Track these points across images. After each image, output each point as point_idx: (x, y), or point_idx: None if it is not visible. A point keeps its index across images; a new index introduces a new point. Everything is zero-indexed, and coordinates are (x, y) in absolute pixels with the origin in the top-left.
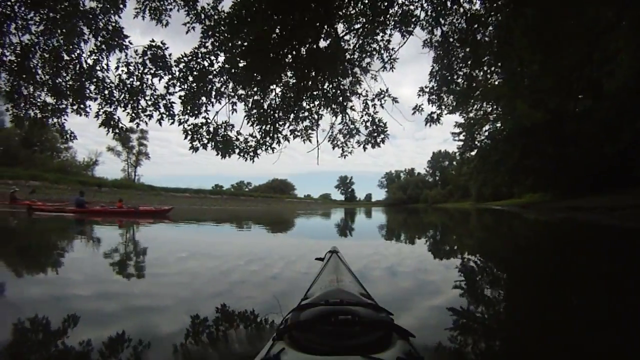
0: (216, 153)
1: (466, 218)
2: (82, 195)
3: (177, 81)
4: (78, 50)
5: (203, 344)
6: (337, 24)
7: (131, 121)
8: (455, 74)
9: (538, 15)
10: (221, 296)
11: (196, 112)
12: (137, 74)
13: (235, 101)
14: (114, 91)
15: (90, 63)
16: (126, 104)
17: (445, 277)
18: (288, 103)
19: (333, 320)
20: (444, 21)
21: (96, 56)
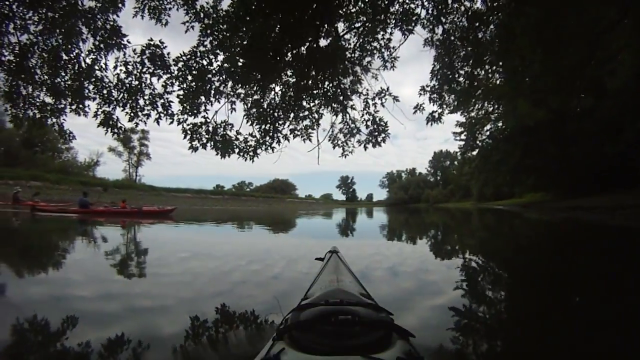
0: (215, 153)
1: (467, 218)
2: (86, 195)
3: (176, 80)
4: (77, 49)
5: (203, 344)
6: (338, 23)
7: (130, 121)
8: (456, 73)
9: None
10: (222, 296)
11: (195, 112)
12: (136, 73)
13: (234, 100)
14: (113, 91)
15: (88, 62)
16: (125, 104)
17: (445, 277)
18: (288, 102)
19: (333, 320)
20: (445, 19)
21: (94, 55)
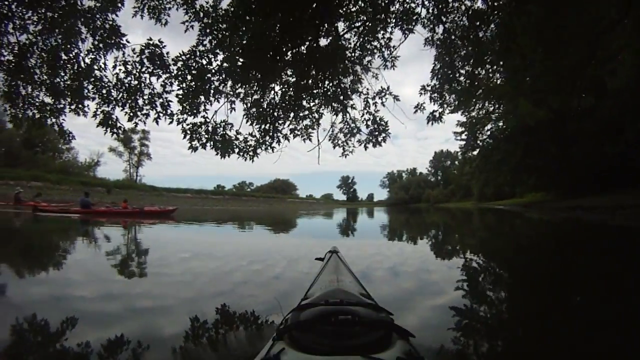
0: (215, 153)
1: (468, 218)
2: (87, 196)
3: (175, 80)
4: (76, 49)
5: (203, 344)
6: (338, 22)
7: (129, 120)
8: (457, 72)
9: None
10: (222, 296)
11: (195, 111)
12: (135, 73)
13: (234, 100)
14: (112, 90)
15: (88, 62)
16: (124, 104)
17: (446, 277)
18: (288, 102)
19: (333, 320)
20: (446, 19)
21: (94, 55)
